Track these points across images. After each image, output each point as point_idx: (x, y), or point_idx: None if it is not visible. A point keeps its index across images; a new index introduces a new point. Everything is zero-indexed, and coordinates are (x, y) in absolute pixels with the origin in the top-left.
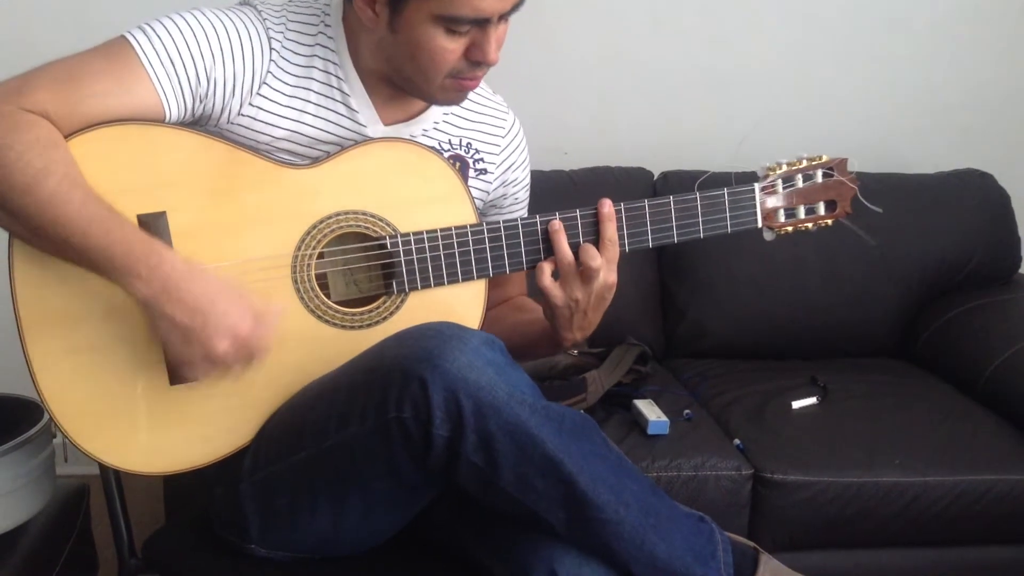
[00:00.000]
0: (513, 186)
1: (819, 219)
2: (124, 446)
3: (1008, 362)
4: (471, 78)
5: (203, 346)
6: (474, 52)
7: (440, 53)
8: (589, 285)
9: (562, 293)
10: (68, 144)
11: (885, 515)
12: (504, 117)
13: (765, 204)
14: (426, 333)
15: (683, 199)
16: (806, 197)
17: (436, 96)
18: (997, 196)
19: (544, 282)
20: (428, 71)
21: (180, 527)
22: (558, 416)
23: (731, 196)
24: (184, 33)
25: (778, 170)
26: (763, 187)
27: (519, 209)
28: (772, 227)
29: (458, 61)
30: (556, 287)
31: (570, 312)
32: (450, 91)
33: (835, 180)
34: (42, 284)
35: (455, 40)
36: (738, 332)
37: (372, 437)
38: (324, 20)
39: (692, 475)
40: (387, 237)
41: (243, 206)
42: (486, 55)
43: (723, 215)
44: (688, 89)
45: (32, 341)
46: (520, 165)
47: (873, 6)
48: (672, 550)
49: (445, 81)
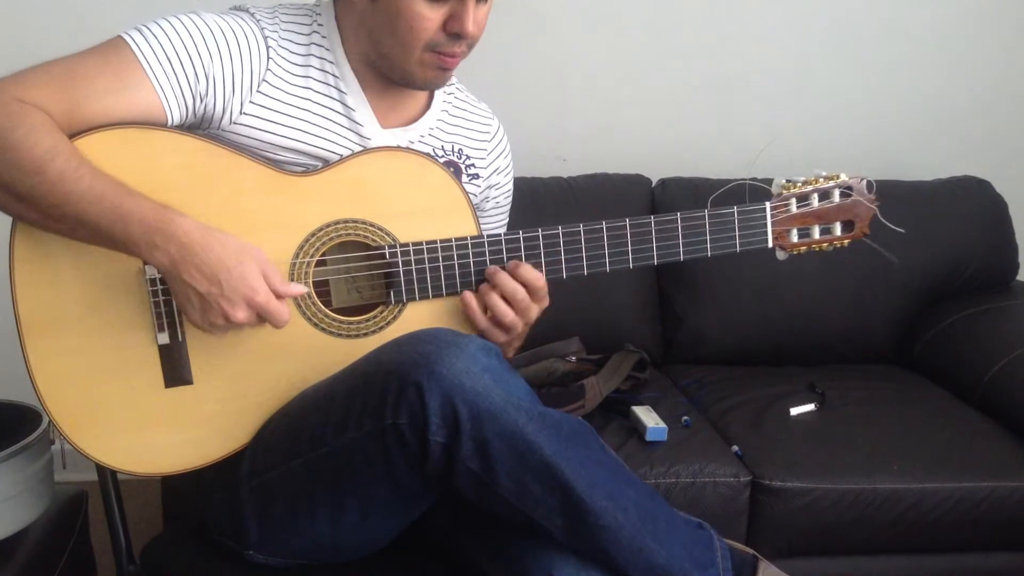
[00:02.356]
0: (495, 190)
1: (835, 239)
2: (120, 447)
3: (1006, 369)
4: (450, 54)
5: (221, 310)
6: (452, 23)
7: (419, 20)
8: (529, 312)
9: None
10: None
11: (883, 522)
12: (490, 123)
13: (777, 223)
14: (423, 339)
15: (691, 216)
16: (821, 217)
17: (415, 73)
18: (995, 203)
19: (483, 324)
20: (406, 41)
21: (178, 533)
22: (555, 422)
23: (741, 215)
24: (180, 33)
25: (792, 188)
26: (774, 206)
27: (500, 214)
28: (784, 247)
29: (436, 32)
30: (493, 330)
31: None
32: (429, 67)
33: (853, 200)
34: (42, 285)
35: (435, 8)
36: (736, 338)
37: (369, 443)
38: (316, 19)
39: (690, 482)
40: (386, 247)
41: (242, 212)
42: (463, 26)
43: (732, 234)
44: (687, 96)
45: (31, 342)
46: (504, 170)
47: (872, 15)
48: (671, 556)
49: (424, 55)
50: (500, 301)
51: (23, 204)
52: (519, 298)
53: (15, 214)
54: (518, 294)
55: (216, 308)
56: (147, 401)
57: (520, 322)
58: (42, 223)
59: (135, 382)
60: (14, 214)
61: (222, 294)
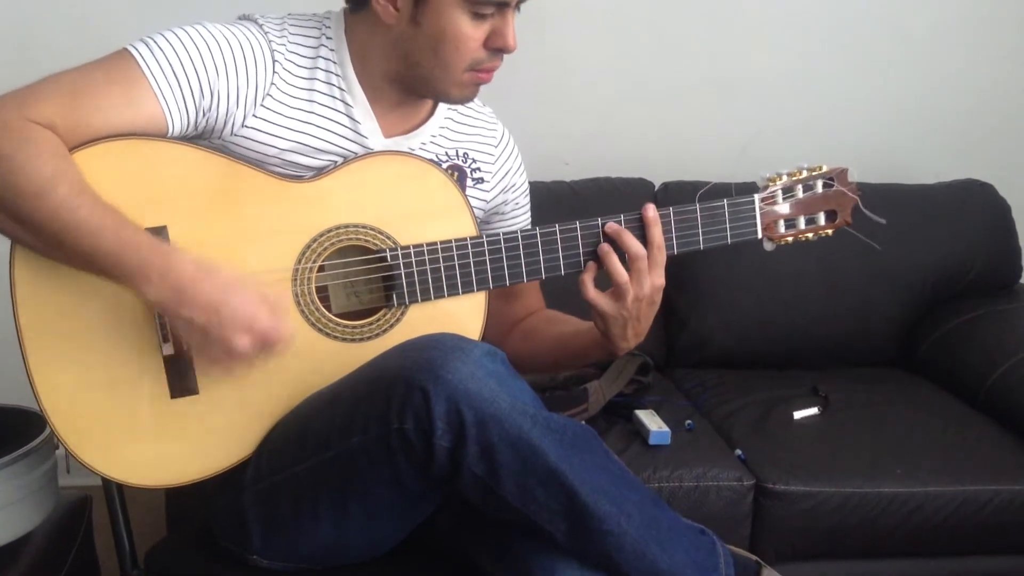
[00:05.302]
0: (513, 192)
1: (819, 229)
2: (126, 460)
3: (1010, 372)
4: (488, 69)
5: (223, 342)
6: (495, 39)
7: (464, 41)
8: (640, 285)
9: (611, 303)
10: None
11: (887, 525)
12: (495, 127)
13: (765, 215)
14: (428, 344)
15: (682, 210)
16: (806, 208)
17: (452, 92)
18: (998, 206)
19: (590, 295)
20: (451, 62)
21: (182, 538)
22: (560, 427)
23: (731, 207)
24: (187, 46)
25: (778, 181)
26: (763, 198)
27: (522, 214)
28: (772, 238)
29: (479, 50)
30: (603, 298)
31: (624, 320)
32: (467, 86)
33: (835, 191)
34: (43, 299)
35: (478, 27)
36: (739, 342)
37: (374, 448)
38: (324, 32)
39: (694, 486)
40: (387, 250)
41: (244, 220)
42: (506, 41)
43: (723, 226)
44: (689, 99)
45: (34, 356)
46: (516, 171)
47: (874, 16)
48: (674, 562)
49: (464, 75)
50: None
51: (22, 228)
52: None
53: (14, 237)
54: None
55: (217, 338)
56: (154, 412)
57: (631, 289)
58: (41, 249)
59: (141, 394)
60: (14, 237)
61: (221, 323)
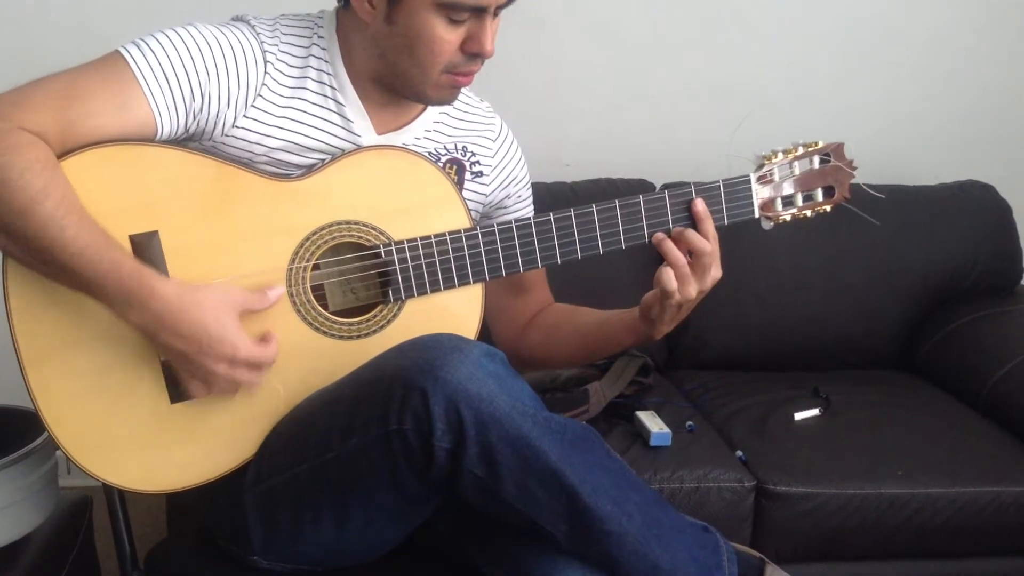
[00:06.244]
0: (515, 184)
1: (817, 206)
2: (127, 466)
3: (1011, 374)
4: (466, 73)
5: (203, 371)
6: (471, 44)
7: (438, 43)
8: (704, 279)
9: (681, 289)
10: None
11: (888, 527)
12: (492, 120)
13: (761, 194)
14: (427, 344)
15: (678, 192)
16: (803, 184)
17: (430, 94)
18: (999, 208)
19: (671, 285)
20: (425, 64)
21: (182, 539)
22: (560, 427)
23: (727, 187)
24: (179, 49)
25: (773, 159)
26: (759, 176)
27: (524, 206)
28: (770, 217)
29: (455, 53)
30: (675, 282)
31: (678, 308)
32: (444, 88)
33: (832, 166)
34: (39, 307)
35: (453, 31)
36: (740, 343)
37: (374, 449)
38: (317, 32)
39: (695, 487)
40: (381, 246)
41: (235, 221)
42: (483, 46)
43: (719, 207)
44: (689, 100)
45: (31, 364)
46: (517, 163)
47: (874, 18)
48: (676, 561)
49: (441, 77)
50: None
51: (10, 240)
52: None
53: (5, 250)
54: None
55: (196, 365)
56: (153, 418)
57: (695, 283)
58: (31, 264)
59: (140, 400)
60: (4, 250)
61: (200, 352)
